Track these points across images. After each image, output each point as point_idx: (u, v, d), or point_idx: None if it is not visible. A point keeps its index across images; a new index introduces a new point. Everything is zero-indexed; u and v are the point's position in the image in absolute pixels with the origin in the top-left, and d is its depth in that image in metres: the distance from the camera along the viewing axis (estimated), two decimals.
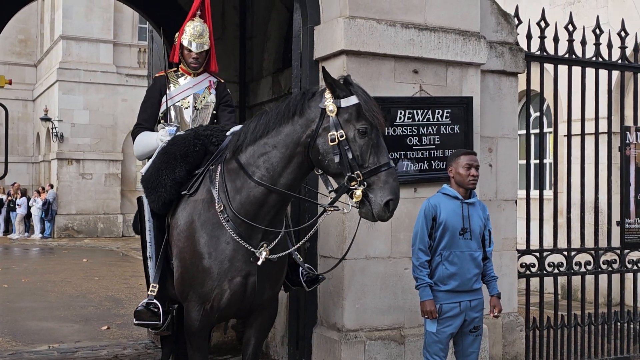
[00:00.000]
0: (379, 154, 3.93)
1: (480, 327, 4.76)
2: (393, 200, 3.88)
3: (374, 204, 3.88)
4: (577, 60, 6.80)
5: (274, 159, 4.13)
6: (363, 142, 3.92)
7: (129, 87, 24.91)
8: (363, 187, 3.88)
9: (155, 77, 5.59)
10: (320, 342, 5.51)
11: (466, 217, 4.63)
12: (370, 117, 3.94)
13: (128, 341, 8.12)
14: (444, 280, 4.59)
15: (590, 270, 6.79)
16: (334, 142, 3.93)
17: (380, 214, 3.89)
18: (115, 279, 14.13)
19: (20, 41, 30.23)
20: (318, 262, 5.57)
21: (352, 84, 4.05)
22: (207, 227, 4.26)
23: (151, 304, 4.50)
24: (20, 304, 11.05)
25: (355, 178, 3.89)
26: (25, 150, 30.09)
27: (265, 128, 4.17)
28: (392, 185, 3.89)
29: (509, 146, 6.27)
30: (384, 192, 3.86)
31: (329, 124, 3.96)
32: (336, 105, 3.97)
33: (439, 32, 5.64)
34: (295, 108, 4.10)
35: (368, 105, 3.97)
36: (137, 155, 5.38)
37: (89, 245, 22.77)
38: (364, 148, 3.91)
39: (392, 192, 3.88)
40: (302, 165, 4.12)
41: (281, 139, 4.11)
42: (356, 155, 3.90)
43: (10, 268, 15.93)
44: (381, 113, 4.04)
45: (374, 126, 3.94)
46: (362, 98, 3.99)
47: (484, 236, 4.74)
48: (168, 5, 8.02)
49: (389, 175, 3.90)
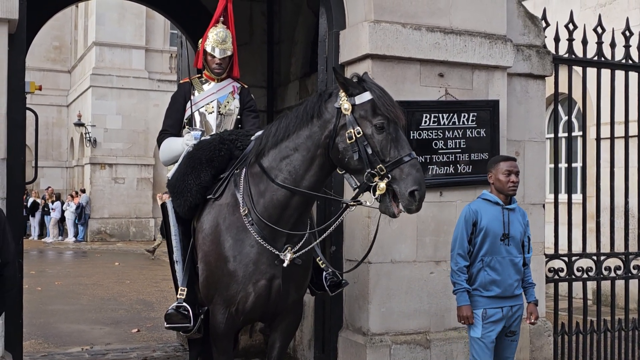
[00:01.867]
0: (399, 146, 3.90)
1: (516, 332, 4.74)
2: (418, 190, 3.82)
3: (401, 196, 3.84)
4: (606, 62, 6.72)
5: (295, 162, 4.15)
6: (381, 136, 3.90)
7: (161, 92, 25.15)
8: (387, 180, 3.85)
9: (180, 84, 5.66)
10: (346, 345, 5.52)
11: (507, 223, 4.63)
12: (386, 111, 3.92)
13: (157, 344, 8.20)
14: (486, 286, 4.59)
15: (620, 275, 6.70)
16: (351, 140, 3.93)
17: (407, 205, 3.84)
18: (146, 282, 14.28)
19: (55, 48, 30.73)
20: (344, 266, 5.58)
21: (365, 81, 4.05)
22: (232, 231, 4.30)
23: (181, 306, 4.56)
24: (53, 306, 11.22)
25: (375, 174, 3.87)
26: (60, 155, 30.57)
27: (285, 131, 4.19)
28: (415, 175, 3.84)
29: (536, 150, 6.22)
30: (407, 183, 3.82)
31: (346, 122, 3.97)
32: (350, 103, 3.97)
33: (465, 35, 5.63)
34: (312, 110, 4.12)
35: (382, 100, 3.95)
36: (163, 160, 5.45)
37: (121, 248, 23.03)
38: (384, 142, 3.90)
39: (416, 181, 3.83)
40: (323, 167, 4.14)
41: (301, 142, 4.14)
42: (376, 151, 3.89)
43: (45, 271, 16.18)
44: (398, 106, 4.02)
45: (390, 120, 3.92)
46: (376, 93, 3.97)
47: (523, 242, 4.73)
48: (194, 9, 8.09)
49: (411, 166, 3.86)
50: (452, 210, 5.56)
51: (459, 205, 5.61)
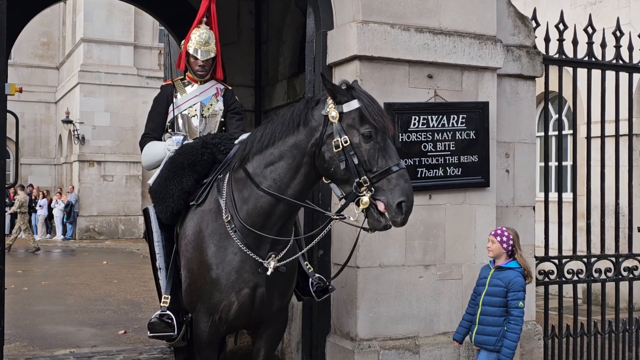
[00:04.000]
0: (387, 156, 3.79)
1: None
2: (405, 202, 3.71)
3: (388, 207, 3.73)
4: (596, 63, 6.67)
5: (280, 169, 4.06)
6: (369, 146, 3.80)
7: (150, 89, 24.91)
8: (370, 194, 3.75)
9: (162, 86, 5.57)
10: (334, 351, 5.45)
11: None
12: (374, 120, 3.81)
13: (144, 346, 8.10)
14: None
15: (610, 278, 6.67)
16: (338, 149, 3.83)
17: (393, 217, 3.73)
18: (134, 282, 14.16)
19: (43, 44, 30.47)
20: (332, 270, 5.50)
21: (354, 88, 3.94)
22: (215, 238, 4.21)
23: (165, 315, 4.47)
24: (39, 307, 11.09)
25: (363, 183, 3.76)
26: (48, 152, 30.32)
27: (271, 138, 4.09)
28: (403, 186, 3.73)
29: (526, 151, 6.16)
30: (394, 194, 3.71)
31: (333, 130, 3.86)
32: (338, 111, 3.86)
33: (454, 36, 5.55)
34: (299, 117, 4.01)
35: (371, 109, 3.84)
36: (146, 165, 5.36)
37: (110, 246, 22.89)
38: (371, 152, 3.79)
39: (404, 193, 3.72)
40: (309, 175, 4.04)
41: (287, 149, 4.04)
42: (363, 160, 3.79)
43: (31, 270, 16.04)
44: (386, 115, 3.93)
45: (378, 129, 3.81)
46: (364, 102, 3.86)
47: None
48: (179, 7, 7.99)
49: (399, 176, 3.75)
50: (442, 214, 5.50)
51: (448, 209, 5.56)
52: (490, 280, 4.96)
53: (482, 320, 4.97)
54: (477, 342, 5.02)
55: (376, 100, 3.96)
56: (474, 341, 5.04)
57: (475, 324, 5.00)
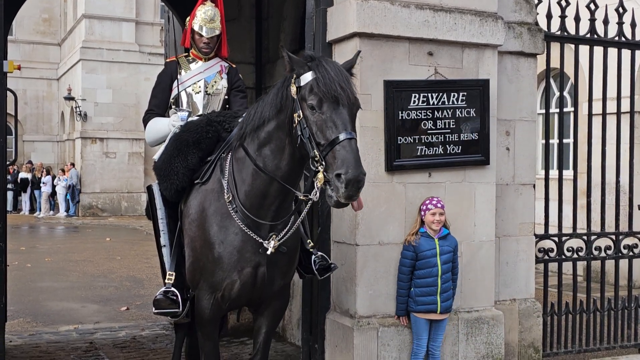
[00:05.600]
0: (333, 127, 3.59)
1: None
2: (343, 174, 3.46)
3: (330, 183, 3.53)
4: (598, 40, 6.63)
5: (269, 150, 4.03)
6: (315, 117, 3.66)
7: (151, 65, 24.84)
8: (322, 168, 3.56)
9: (167, 62, 5.55)
10: (333, 328, 5.48)
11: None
12: (318, 89, 3.64)
13: (147, 322, 8.18)
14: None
15: (610, 255, 6.67)
16: (295, 124, 3.76)
17: (335, 192, 3.51)
18: (137, 259, 14.24)
19: (44, 20, 30.34)
20: (331, 248, 5.52)
21: (315, 59, 3.79)
22: (217, 217, 4.23)
23: (169, 291, 4.48)
24: (42, 283, 11.18)
25: (314, 158, 3.63)
26: (50, 129, 30.32)
27: (260, 118, 4.06)
28: (344, 157, 3.49)
29: (527, 129, 6.14)
30: (335, 167, 3.50)
31: (294, 106, 3.78)
32: (296, 85, 3.78)
33: (455, 12, 5.51)
34: (276, 97, 3.96)
35: (323, 80, 3.65)
36: (149, 141, 5.36)
37: (113, 223, 22.99)
38: (318, 124, 3.64)
39: (343, 164, 3.47)
40: (294, 155, 3.92)
41: (272, 130, 4.00)
42: (312, 134, 3.65)
43: (35, 247, 16.14)
44: (343, 83, 3.67)
45: (325, 98, 3.63)
46: (319, 72, 3.69)
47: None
48: None
49: (341, 147, 3.52)
50: (441, 192, 5.49)
51: (448, 187, 5.55)
52: (440, 249, 5.20)
53: (445, 288, 5.21)
54: (444, 309, 5.22)
55: (340, 70, 3.76)
56: (440, 310, 5.19)
57: (437, 295, 5.18)
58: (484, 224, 5.71)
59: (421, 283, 5.18)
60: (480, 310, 5.71)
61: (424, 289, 5.17)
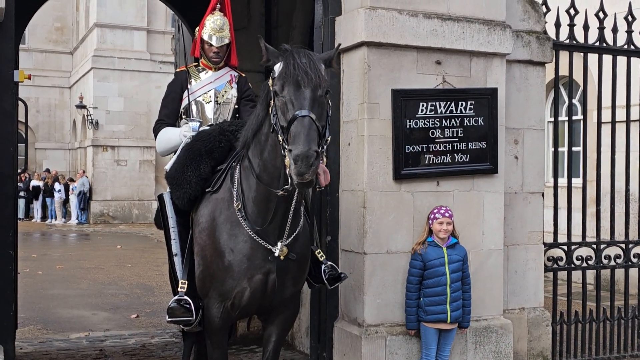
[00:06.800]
0: (292, 108, 3.56)
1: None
2: (293, 149, 3.40)
3: (289, 165, 3.47)
4: (607, 48, 6.63)
5: (266, 152, 4.05)
6: (279, 102, 3.68)
7: (163, 74, 24.98)
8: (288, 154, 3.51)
9: (176, 72, 5.59)
10: (341, 336, 5.49)
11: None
12: (282, 76, 3.63)
13: (156, 330, 8.19)
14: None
15: (620, 264, 6.65)
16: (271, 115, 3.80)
17: (291, 170, 3.44)
18: (148, 266, 14.28)
19: (57, 29, 30.58)
20: (339, 256, 5.54)
21: (288, 50, 3.78)
22: (227, 226, 4.26)
23: (182, 300, 4.45)
24: (53, 291, 11.23)
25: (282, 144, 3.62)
26: (62, 137, 30.51)
27: (257, 121, 4.10)
28: (295, 133, 3.44)
29: (535, 138, 6.14)
30: (289, 143, 3.47)
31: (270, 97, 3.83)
32: (272, 77, 3.80)
33: (463, 21, 5.52)
34: (264, 94, 4.02)
35: (288, 67, 3.64)
36: (160, 151, 5.39)
37: (124, 231, 23.06)
38: (281, 108, 3.65)
39: (295, 140, 3.42)
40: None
41: (267, 130, 4.00)
42: (277, 119, 3.68)
43: (46, 254, 16.21)
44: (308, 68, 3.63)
45: (287, 82, 3.62)
46: (287, 60, 3.68)
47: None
48: None
49: (296, 124, 3.47)
50: (449, 200, 5.49)
51: (456, 195, 5.55)
52: (449, 258, 5.17)
53: (455, 298, 5.19)
54: (454, 319, 5.20)
55: (309, 58, 3.72)
56: (450, 319, 5.17)
57: (447, 304, 5.15)
58: (493, 233, 5.71)
59: (430, 292, 5.18)
60: (488, 319, 5.70)
61: (433, 298, 5.17)
